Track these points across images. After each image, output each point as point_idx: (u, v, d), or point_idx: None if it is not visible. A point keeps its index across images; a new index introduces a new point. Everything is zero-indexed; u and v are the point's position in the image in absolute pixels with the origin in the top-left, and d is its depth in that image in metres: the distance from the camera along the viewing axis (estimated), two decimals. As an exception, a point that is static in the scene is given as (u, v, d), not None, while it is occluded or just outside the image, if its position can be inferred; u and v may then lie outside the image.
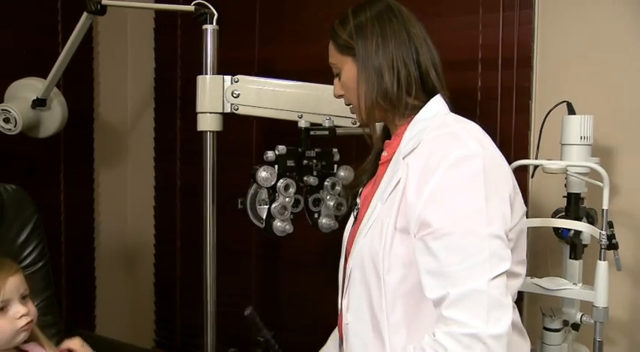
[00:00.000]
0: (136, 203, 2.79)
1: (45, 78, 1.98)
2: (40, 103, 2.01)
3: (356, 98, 1.15)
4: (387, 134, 1.23)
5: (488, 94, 1.95)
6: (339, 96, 1.23)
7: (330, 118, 1.68)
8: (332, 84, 1.65)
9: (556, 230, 1.61)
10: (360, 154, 1.89)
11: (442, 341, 0.92)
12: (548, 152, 1.65)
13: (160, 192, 2.74)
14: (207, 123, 1.72)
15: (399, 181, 1.04)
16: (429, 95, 1.13)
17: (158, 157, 2.74)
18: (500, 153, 1.05)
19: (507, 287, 0.94)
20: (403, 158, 1.07)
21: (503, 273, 0.93)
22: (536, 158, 1.66)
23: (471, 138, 1.00)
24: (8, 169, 2.14)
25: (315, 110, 1.71)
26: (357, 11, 1.16)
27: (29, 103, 2.00)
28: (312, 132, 1.63)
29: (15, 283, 1.21)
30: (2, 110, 1.95)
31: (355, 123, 1.71)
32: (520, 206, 1.06)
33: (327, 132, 1.63)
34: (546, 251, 1.81)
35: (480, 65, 1.96)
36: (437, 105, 1.12)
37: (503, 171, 1.01)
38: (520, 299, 1.92)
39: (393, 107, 1.12)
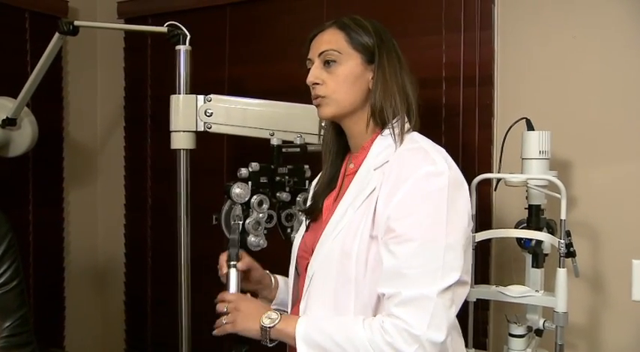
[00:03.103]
0: (106, 221, 2.78)
1: (15, 97, 1.99)
2: (10, 123, 2.01)
3: (346, 94, 1.18)
4: (344, 145, 1.28)
5: (452, 111, 2.03)
6: (314, 84, 1.20)
7: (301, 136, 1.73)
8: (301, 102, 1.72)
9: (519, 240, 1.68)
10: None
11: (388, 328, 1.00)
12: (511, 166, 1.73)
13: (130, 209, 2.74)
14: (181, 141, 1.76)
15: (373, 189, 1.11)
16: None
17: (129, 175, 2.75)
18: (461, 173, 1.13)
19: (453, 300, 1.04)
20: (375, 169, 1.13)
21: (452, 285, 1.03)
22: (498, 172, 1.74)
23: (439, 157, 1.08)
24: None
25: (287, 128, 1.76)
26: (368, 19, 1.22)
27: (-1, 123, 2.00)
28: (284, 150, 1.68)
29: None
30: (-28, 130, 1.95)
31: (325, 140, 1.77)
32: (470, 218, 1.16)
33: (298, 149, 1.68)
34: (510, 260, 1.89)
35: (444, 83, 2.04)
36: (404, 119, 1.19)
37: (464, 189, 1.09)
38: (486, 308, 2.00)
39: (383, 120, 1.17)
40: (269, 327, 1.12)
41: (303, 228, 1.32)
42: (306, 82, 1.21)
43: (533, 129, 1.65)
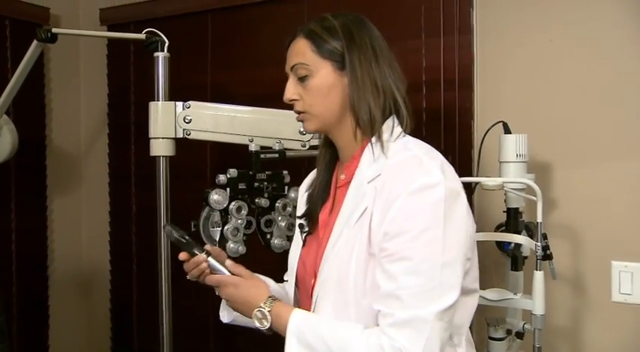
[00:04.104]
0: (90, 228, 2.77)
1: (-5, 106, 1.98)
2: (-10, 131, 2.00)
3: (323, 107, 1.11)
4: (335, 153, 1.21)
5: (433, 115, 2.04)
6: (290, 101, 1.15)
7: (279, 141, 1.73)
8: (283, 108, 1.71)
9: (499, 243, 1.68)
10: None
11: (385, 347, 0.95)
12: (491, 169, 1.73)
13: (115, 216, 2.73)
14: (160, 148, 1.75)
15: (366, 208, 1.05)
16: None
17: (113, 182, 2.74)
18: (458, 178, 1.07)
19: (451, 321, 0.99)
20: (368, 182, 1.07)
21: (450, 306, 0.97)
22: (477, 175, 1.74)
23: (434, 166, 1.01)
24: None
25: (266, 134, 1.76)
26: (339, 17, 1.13)
27: (-22, 131, 1.99)
28: (262, 156, 1.68)
29: None
30: (-49, 139, 1.94)
31: (305, 146, 1.78)
32: (472, 222, 1.09)
33: (277, 155, 1.69)
34: (491, 264, 1.90)
35: (424, 87, 2.05)
36: (394, 123, 1.11)
37: (461, 198, 1.02)
38: (469, 311, 2.00)
39: (370, 126, 1.09)
40: (262, 328, 1.09)
41: (299, 240, 1.24)
42: (283, 99, 1.16)
43: (510, 133, 1.66)
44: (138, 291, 2.65)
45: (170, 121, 1.74)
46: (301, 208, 1.27)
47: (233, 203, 1.62)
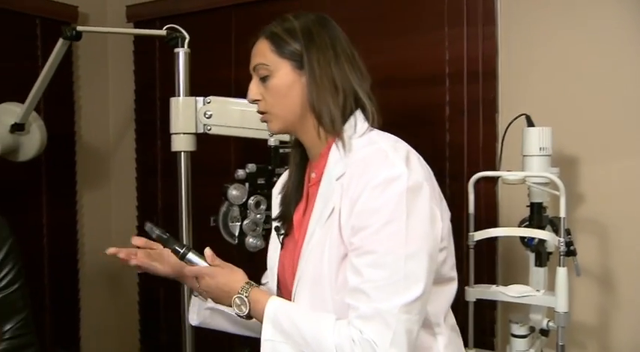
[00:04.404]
0: (119, 222, 2.82)
1: (24, 103, 2.03)
2: (18, 128, 2.05)
3: (283, 106, 1.11)
4: (303, 153, 1.21)
5: (456, 108, 2.01)
6: (254, 101, 1.15)
7: (299, 136, 1.73)
8: None
9: (522, 239, 1.65)
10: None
11: (356, 339, 0.96)
12: (516, 163, 1.69)
13: (142, 211, 2.78)
14: (181, 143, 1.77)
15: (334, 207, 1.06)
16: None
17: (140, 177, 2.78)
18: (425, 168, 1.06)
19: (420, 313, 0.99)
20: (336, 180, 1.07)
21: (417, 299, 0.97)
22: (498, 170, 1.71)
23: (398, 158, 1.01)
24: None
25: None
26: (300, 17, 1.13)
27: (8, 128, 2.04)
28: (281, 150, 1.68)
29: None
30: (-19, 136, 2.00)
31: (324, 140, 1.77)
32: (445, 210, 1.10)
33: (295, 150, 1.68)
34: (515, 260, 1.86)
35: (447, 80, 2.02)
36: (358, 119, 1.11)
37: (424, 190, 1.02)
38: (494, 307, 1.97)
39: (332, 124, 1.09)
40: (242, 316, 1.10)
41: (276, 243, 1.24)
42: (247, 99, 1.17)
43: (533, 125, 1.62)
44: (165, 285, 2.68)
45: (191, 117, 1.76)
46: (275, 210, 1.27)
47: (252, 198, 1.63)
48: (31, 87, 2.00)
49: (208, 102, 1.76)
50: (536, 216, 1.61)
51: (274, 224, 1.25)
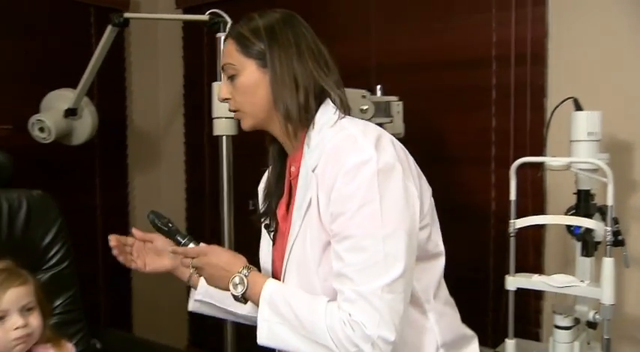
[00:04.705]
0: (169, 205, 2.88)
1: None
2: (71, 113, 2.12)
3: (251, 104, 1.14)
4: (281, 148, 1.23)
5: (503, 91, 1.95)
6: (224, 100, 1.19)
7: (339, 120, 1.72)
8: (356, 87, 1.70)
9: (569, 227, 1.59)
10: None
11: (346, 321, 0.99)
12: (564, 149, 1.63)
13: (190, 195, 2.84)
14: (222, 127, 1.79)
15: (311, 199, 1.08)
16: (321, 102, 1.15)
17: (188, 160, 2.84)
18: (399, 148, 1.07)
19: (404, 291, 1.01)
20: (313, 171, 1.09)
21: (399, 277, 0.99)
22: (544, 155, 1.65)
23: (367, 141, 1.02)
24: (46, 175, 2.27)
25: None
26: (265, 16, 1.15)
27: (62, 113, 2.12)
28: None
29: (16, 294, 1.25)
30: (37, 120, 2.08)
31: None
32: (426, 188, 1.13)
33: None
34: (560, 249, 1.80)
35: (493, 63, 1.96)
36: (328, 110, 1.13)
37: (396, 170, 1.03)
38: (540, 297, 1.92)
39: (299, 119, 1.12)
40: (237, 295, 1.12)
41: (267, 239, 1.28)
42: (217, 99, 1.20)
43: (582, 109, 1.55)
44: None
45: (232, 101, 1.77)
46: (261, 205, 1.29)
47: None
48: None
49: (250, 87, 1.77)
50: (583, 203, 1.55)
51: (264, 222, 1.27)
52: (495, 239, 1.98)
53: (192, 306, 1.42)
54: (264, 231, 1.28)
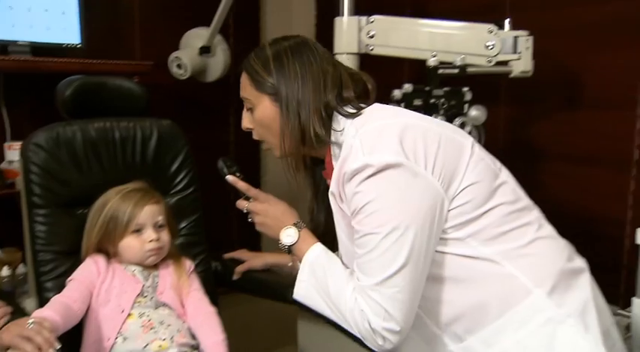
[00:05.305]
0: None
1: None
2: (205, 50, 2.23)
3: (272, 136, 1.19)
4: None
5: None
6: (247, 129, 1.24)
7: (463, 57, 1.63)
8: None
9: None
10: (493, 94, 1.84)
11: (364, 309, 1.07)
12: None
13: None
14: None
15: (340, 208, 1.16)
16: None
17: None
18: (398, 146, 1.05)
19: (412, 281, 1.05)
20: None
21: (399, 271, 1.03)
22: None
23: (361, 151, 1.06)
24: (183, 111, 2.42)
25: (449, 48, 1.67)
26: (275, 45, 1.19)
27: (197, 51, 2.23)
28: (440, 71, 1.60)
29: (151, 211, 1.38)
30: (175, 57, 2.21)
31: (491, 62, 1.64)
32: (474, 164, 1.11)
33: (456, 71, 1.59)
34: None
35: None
36: (340, 122, 1.16)
37: (393, 168, 1.04)
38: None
39: (316, 142, 1.16)
40: (285, 246, 1.24)
41: None
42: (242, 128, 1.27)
43: None
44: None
45: (353, 36, 1.75)
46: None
47: (406, 119, 1.59)
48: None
49: (371, 22, 1.73)
50: None
51: None
52: (635, 192, 1.79)
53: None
54: None
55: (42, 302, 1.38)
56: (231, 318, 1.47)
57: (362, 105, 1.18)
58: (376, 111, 1.18)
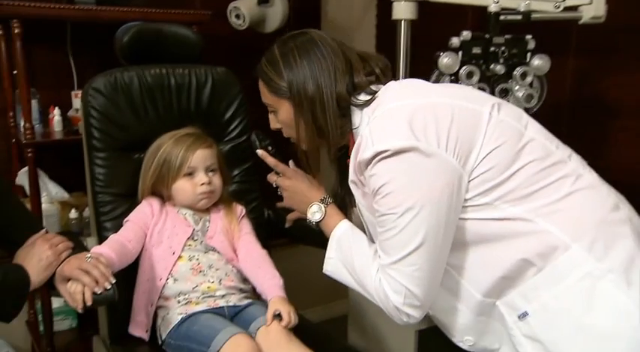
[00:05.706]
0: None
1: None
2: (264, 1, 2.21)
3: (297, 136, 1.21)
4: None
5: None
6: (276, 129, 1.27)
7: (527, 2, 1.54)
8: None
9: None
10: (560, 43, 1.73)
11: (385, 288, 1.11)
12: None
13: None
14: (402, 11, 1.73)
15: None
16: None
17: (379, 52, 2.80)
18: (409, 131, 1.04)
19: (430, 258, 1.06)
20: None
21: (416, 249, 1.04)
22: None
23: (370, 139, 1.07)
24: (241, 60, 2.41)
25: (514, -7, 1.58)
26: (283, 46, 1.19)
27: (255, 1, 2.21)
28: (502, 17, 1.52)
29: (203, 155, 1.41)
30: (234, 7, 2.21)
31: (558, 7, 1.55)
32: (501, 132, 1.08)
33: (519, 17, 1.51)
34: None
35: None
36: (359, 114, 1.17)
37: (405, 151, 1.03)
38: None
39: (336, 135, 1.18)
40: (313, 222, 1.28)
41: None
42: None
43: None
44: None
45: (412, -19, 1.68)
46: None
47: (464, 68, 1.53)
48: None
49: (432, -35, 1.65)
50: None
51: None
52: None
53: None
54: None
55: (101, 240, 1.45)
56: (284, 271, 1.49)
57: (374, 88, 1.18)
58: (389, 92, 1.17)
